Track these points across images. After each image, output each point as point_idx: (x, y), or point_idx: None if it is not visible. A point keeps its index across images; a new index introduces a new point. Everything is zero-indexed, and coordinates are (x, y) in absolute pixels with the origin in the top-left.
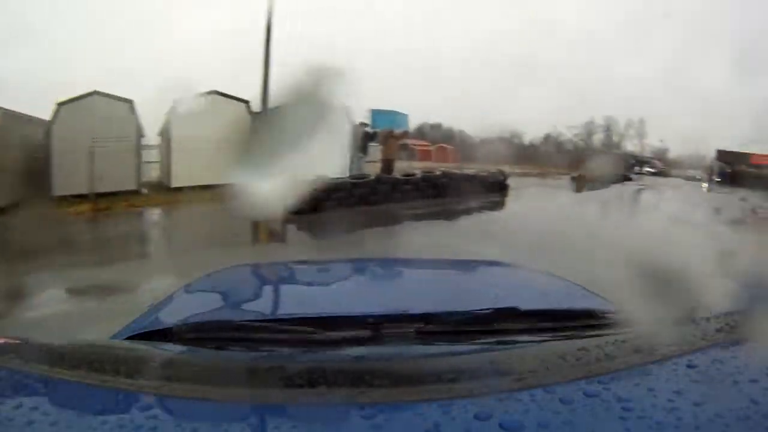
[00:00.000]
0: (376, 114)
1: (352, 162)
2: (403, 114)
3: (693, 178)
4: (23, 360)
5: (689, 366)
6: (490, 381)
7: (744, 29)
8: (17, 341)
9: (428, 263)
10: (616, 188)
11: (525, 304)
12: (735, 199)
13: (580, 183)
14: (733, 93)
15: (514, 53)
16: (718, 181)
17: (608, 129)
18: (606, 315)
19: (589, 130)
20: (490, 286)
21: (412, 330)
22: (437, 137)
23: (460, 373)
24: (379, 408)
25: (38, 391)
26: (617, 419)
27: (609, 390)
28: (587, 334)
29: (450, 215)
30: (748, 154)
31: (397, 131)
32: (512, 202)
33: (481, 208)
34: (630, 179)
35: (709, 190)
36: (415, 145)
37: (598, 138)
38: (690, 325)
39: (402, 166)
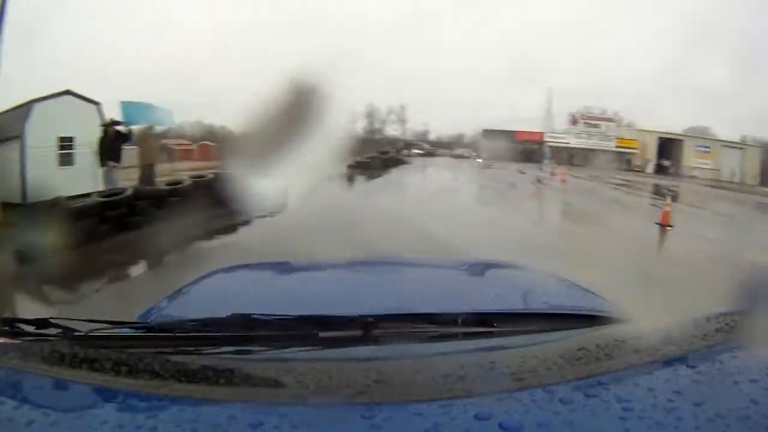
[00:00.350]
0: (127, 108)
1: (105, 174)
2: (164, 108)
3: (461, 156)
4: (23, 360)
5: (689, 366)
6: (490, 381)
7: (507, 27)
8: (17, 341)
9: (428, 263)
10: (397, 172)
11: (525, 305)
12: (513, 171)
13: (357, 171)
14: (497, 75)
15: (264, 48)
16: (486, 157)
17: (371, 116)
18: (606, 315)
19: (350, 117)
20: (490, 286)
21: (412, 330)
22: (197, 135)
23: (460, 373)
24: (379, 408)
25: (38, 391)
26: (617, 419)
27: (609, 390)
28: (587, 334)
29: (234, 229)
30: (513, 131)
31: (158, 129)
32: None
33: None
34: (404, 162)
35: (484, 166)
36: (175, 144)
37: (360, 125)
38: (690, 325)
39: (164, 171)
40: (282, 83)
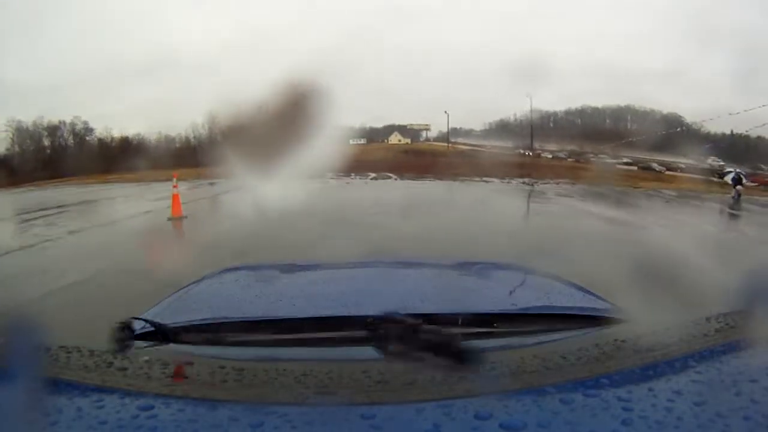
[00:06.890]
0: None
1: None
2: None
3: None
4: (24, 360)
5: (689, 366)
6: (490, 381)
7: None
8: (18, 341)
9: (429, 263)
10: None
11: (525, 305)
12: None
13: None
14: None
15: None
16: None
17: None
18: (606, 315)
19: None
20: (490, 286)
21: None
22: None
23: (460, 373)
24: (379, 408)
25: (38, 392)
26: (617, 419)
27: (609, 390)
28: (587, 334)
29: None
30: None
31: None
32: None
33: None
34: None
35: None
36: None
37: None
38: (690, 325)
39: None
40: (280, 85)
